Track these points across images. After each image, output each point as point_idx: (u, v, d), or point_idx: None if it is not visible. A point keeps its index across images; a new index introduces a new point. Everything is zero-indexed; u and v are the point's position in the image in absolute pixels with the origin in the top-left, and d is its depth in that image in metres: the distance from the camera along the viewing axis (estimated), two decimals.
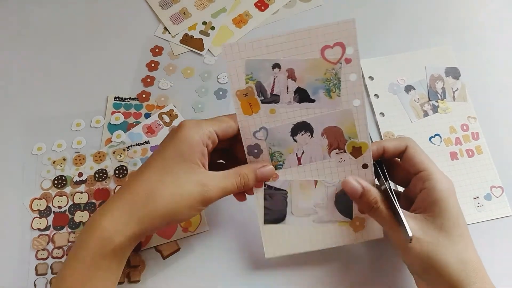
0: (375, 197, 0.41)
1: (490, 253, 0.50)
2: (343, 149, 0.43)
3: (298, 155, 0.44)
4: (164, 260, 0.49)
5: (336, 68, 0.41)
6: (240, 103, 0.42)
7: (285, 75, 0.42)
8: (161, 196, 0.39)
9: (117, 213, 0.38)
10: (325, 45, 0.40)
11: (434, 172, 0.42)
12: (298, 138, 0.43)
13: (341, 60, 0.41)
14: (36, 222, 0.51)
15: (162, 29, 0.63)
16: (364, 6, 0.66)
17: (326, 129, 0.43)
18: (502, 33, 0.64)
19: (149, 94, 0.58)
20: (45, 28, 0.63)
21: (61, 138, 0.55)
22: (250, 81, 0.42)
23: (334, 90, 0.42)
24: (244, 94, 0.42)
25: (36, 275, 0.49)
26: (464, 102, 0.58)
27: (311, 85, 0.42)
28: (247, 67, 0.41)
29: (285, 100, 0.42)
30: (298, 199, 0.45)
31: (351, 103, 0.42)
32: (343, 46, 0.40)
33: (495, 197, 0.53)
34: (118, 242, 0.38)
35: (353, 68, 0.41)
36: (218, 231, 0.51)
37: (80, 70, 0.60)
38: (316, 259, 0.49)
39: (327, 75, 0.41)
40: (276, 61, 0.41)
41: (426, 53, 0.61)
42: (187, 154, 0.40)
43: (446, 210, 0.40)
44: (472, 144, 0.56)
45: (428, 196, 0.41)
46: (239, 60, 0.41)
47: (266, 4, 0.65)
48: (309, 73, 0.42)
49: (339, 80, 0.42)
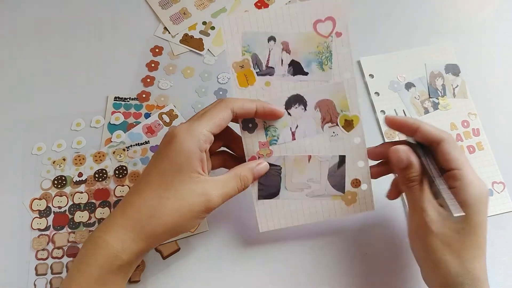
0: (416, 175, 0.41)
1: (492, 248, 0.50)
2: (335, 122, 0.45)
3: (292, 129, 0.45)
4: (164, 260, 0.49)
5: (328, 42, 0.44)
6: (236, 75, 0.44)
7: (280, 48, 0.44)
8: (166, 213, 0.39)
9: (121, 230, 0.39)
10: (317, 19, 0.43)
11: (469, 174, 0.40)
12: (292, 111, 0.44)
13: (332, 34, 0.44)
14: (36, 222, 0.51)
15: (162, 29, 0.63)
16: (364, 4, 0.66)
17: (319, 102, 0.44)
18: (501, 29, 0.64)
19: (149, 94, 0.58)
20: (45, 28, 0.63)
21: (61, 138, 0.55)
22: (246, 53, 0.43)
23: (326, 63, 0.44)
24: (240, 66, 0.44)
25: (36, 275, 0.49)
26: (464, 99, 0.58)
27: (304, 58, 0.44)
28: (244, 39, 0.43)
29: (280, 72, 0.44)
30: (292, 174, 0.45)
31: (342, 76, 0.44)
32: (334, 20, 0.43)
33: (496, 193, 0.53)
34: (126, 259, 0.38)
35: (343, 42, 0.44)
36: (218, 231, 0.51)
37: (80, 70, 0.60)
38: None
39: (319, 48, 0.44)
40: (271, 33, 0.43)
41: (426, 50, 0.61)
42: (184, 166, 0.40)
43: (471, 217, 0.38)
44: (473, 141, 0.56)
45: (458, 197, 0.39)
46: (237, 33, 0.43)
47: (266, 4, 0.65)
48: (303, 46, 0.44)
49: (331, 53, 0.44)
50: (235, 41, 0.43)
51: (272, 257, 0.50)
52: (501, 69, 0.61)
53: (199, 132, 0.40)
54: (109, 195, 0.52)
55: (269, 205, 0.46)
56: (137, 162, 0.54)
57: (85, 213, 0.51)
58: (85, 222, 0.51)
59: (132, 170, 0.53)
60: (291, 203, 0.46)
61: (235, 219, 0.51)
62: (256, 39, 0.43)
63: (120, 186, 0.53)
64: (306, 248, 0.50)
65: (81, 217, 0.51)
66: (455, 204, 0.38)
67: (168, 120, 0.57)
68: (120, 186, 0.53)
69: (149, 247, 0.40)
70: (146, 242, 0.39)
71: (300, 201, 0.46)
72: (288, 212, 0.46)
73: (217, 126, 0.41)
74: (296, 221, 0.46)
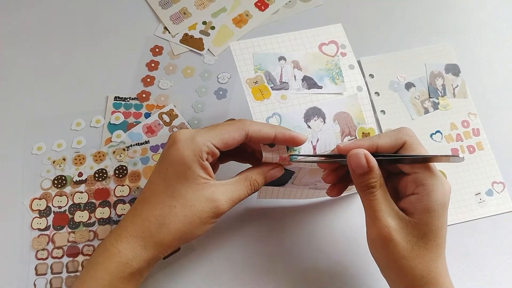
0: (375, 181, 0.38)
1: (492, 248, 0.51)
2: (354, 135, 0.44)
3: (313, 143, 0.43)
4: (164, 260, 0.49)
5: (335, 60, 0.46)
6: (250, 90, 0.43)
7: (291, 66, 0.45)
8: (174, 221, 0.39)
9: (132, 239, 0.39)
10: (322, 43, 0.46)
11: (431, 177, 0.38)
12: (312, 124, 0.43)
13: (337, 54, 0.46)
14: (36, 222, 0.51)
15: (162, 28, 0.63)
16: (364, 5, 0.66)
17: (337, 114, 0.44)
18: (501, 29, 0.64)
19: (149, 93, 0.58)
20: (45, 28, 0.63)
21: (61, 138, 0.55)
22: (259, 70, 0.44)
23: (338, 77, 0.45)
24: (254, 82, 0.44)
25: (36, 275, 0.49)
26: (464, 99, 0.58)
27: (316, 74, 0.45)
28: (255, 59, 0.44)
29: (295, 86, 0.44)
30: (303, 177, 0.46)
31: (354, 89, 0.45)
32: (337, 44, 0.46)
33: (496, 193, 0.53)
34: (136, 266, 0.39)
35: (350, 60, 0.46)
36: (218, 230, 0.51)
37: (80, 70, 0.60)
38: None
39: (329, 65, 0.46)
40: (280, 54, 0.45)
41: (426, 50, 0.61)
42: (186, 173, 0.39)
43: (433, 222, 0.37)
44: (473, 140, 0.56)
45: (420, 203, 0.38)
46: (247, 54, 0.44)
47: (266, 4, 0.65)
48: (312, 64, 0.45)
49: (340, 70, 0.46)
50: (247, 62, 0.44)
51: (274, 258, 0.50)
52: (501, 69, 0.61)
53: (202, 142, 0.39)
54: (109, 195, 0.52)
55: (273, 188, 0.47)
56: (137, 162, 0.54)
57: (85, 213, 0.51)
58: (85, 222, 0.51)
59: (132, 170, 0.53)
60: (292, 190, 0.48)
61: (236, 219, 0.51)
62: (267, 59, 0.45)
63: (120, 186, 0.53)
64: (312, 250, 0.50)
65: (81, 217, 0.51)
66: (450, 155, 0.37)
67: (168, 120, 0.57)
68: (120, 186, 0.53)
69: (159, 255, 0.40)
70: (155, 250, 0.39)
71: (301, 190, 0.48)
72: (288, 193, 0.48)
73: (225, 143, 0.39)
74: (293, 196, 0.49)
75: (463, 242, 0.50)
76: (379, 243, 0.38)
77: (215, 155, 0.40)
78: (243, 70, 0.44)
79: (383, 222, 0.38)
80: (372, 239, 0.39)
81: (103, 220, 0.51)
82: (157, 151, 0.55)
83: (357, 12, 0.65)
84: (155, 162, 0.54)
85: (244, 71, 0.44)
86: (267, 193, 0.48)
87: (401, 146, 0.39)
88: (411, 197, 0.38)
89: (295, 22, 0.64)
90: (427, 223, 0.37)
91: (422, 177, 0.38)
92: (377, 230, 0.38)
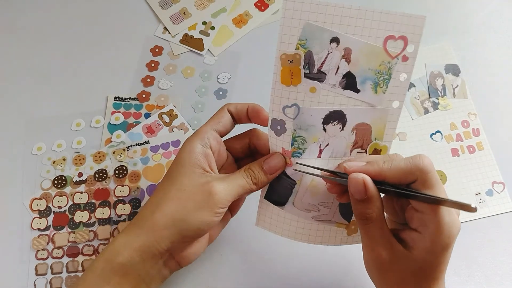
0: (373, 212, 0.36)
1: (492, 248, 0.50)
2: (365, 149, 0.41)
3: (321, 146, 0.40)
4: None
5: (392, 63, 0.38)
6: (281, 69, 0.37)
7: (340, 54, 0.37)
8: (167, 203, 0.38)
9: (130, 228, 0.39)
10: (390, 35, 0.37)
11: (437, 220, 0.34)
12: (329, 128, 0.39)
13: (399, 56, 0.38)
14: (36, 222, 0.51)
15: (162, 29, 0.63)
16: (364, 4, 0.65)
17: (358, 125, 0.40)
18: (502, 29, 0.64)
19: (149, 94, 0.58)
20: (45, 28, 0.63)
21: (61, 138, 0.55)
22: (301, 47, 0.37)
23: (382, 85, 0.39)
24: (289, 60, 0.37)
25: (36, 275, 0.49)
26: (464, 99, 0.58)
27: (362, 73, 0.38)
28: (304, 31, 0.36)
29: (331, 81, 0.38)
30: (304, 193, 0.42)
31: (390, 104, 0.39)
32: (406, 42, 0.37)
33: (496, 193, 0.53)
34: (126, 256, 0.37)
35: (406, 68, 0.38)
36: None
37: (80, 70, 0.60)
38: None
39: (381, 67, 0.38)
40: (336, 34, 0.36)
41: (426, 50, 0.61)
42: (186, 160, 0.39)
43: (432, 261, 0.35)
44: (473, 141, 0.56)
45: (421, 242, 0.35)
46: (297, 20, 0.35)
47: (266, 4, 0.65)
48: (365, 60, 0.38)
49: (390, 77, 0.38)
50: (293, 30, 0.36)
51: (275, 260, 0.50)
52: (501, 69, 0.61)
53: (203, 131, 0.41)
54: (109, 195, 0.52)
55: (272, 210, 0.43)
56: (137, 162, 0.54)
57: (85, 213, 0.51)
58: (85, 222, 0.51)
59: (132, 170, 0.53)
60: (294, 219, 0.43)
61: (236, 219, 0.51)
62: (318, 36, 0.36)
63: (120, 186, 0.53)
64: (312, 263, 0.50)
65: (81, 217, 0.51)
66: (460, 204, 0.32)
67: (168, 120, 0.57)
68: (120, 186, 0.53)
69: (152, 244, 0.37)
70: (148, 235, 0.37)
71: (303, 221, 0.43)
72: (288, 225, 0.43)
73: (217, 123, 0.42)
74: (293, 236, 0.43)
75: (463, 242, 0.50)
76: (372, 267, 0.38)
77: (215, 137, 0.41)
78: (284, 40, 0.36)
79: (376, 251, 0.36)
80: (366, 262, 0.39)
81: (103, 220, 0.51)
82: (157, 151, 0.55)
83: None
84: (155, 162, 0.54)
85: (284, 41, 0.36)
86: (266, 218, 0.44)
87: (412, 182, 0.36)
88: (414, 233, 0.36)
89: None
90: (424, 261, 0.35)
91: (427, 219, 0.35)
92: (370, 257, 0.37)
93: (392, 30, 0.37)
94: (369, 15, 0.36)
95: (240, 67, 0.61)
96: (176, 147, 0.55)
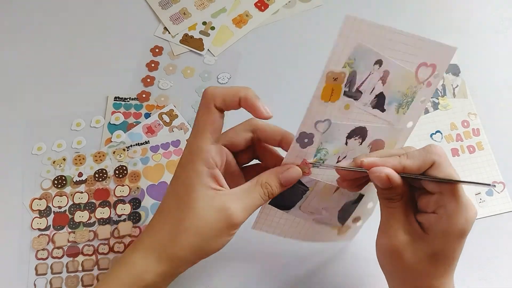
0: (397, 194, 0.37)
1: (492, 248, 0.51)
2: None
3: (340, 158, 0.41)
4: None
5: (418, 88, 0.39)
6: (324, 85, 0.36)
7: (379, 76, 0.38)
8: (185, 232, 0.37)
9: (146, 252, 0.38)
10: (424, 62, 0.38)
11: (455, 200, 0.35)
12: (350, 142, 0.40)
13: (425, 82, 0.39)
14: (36, 222, 0.51)
15: (162, 29, 0.63)
16: (363, 6, 0.66)
17: (375, 141, 0.41)
18: (502, 29, 0.64)
19: (149, 94, 0.58)
20: (45, 28, 0.63)
21: (61, 138, 0.55)
22: (348, 66, 0.36)
23: (404, 107, 0.40)
24: (334, 78, 0.36)
25: (36, 275, 0.49)
26: (464, 99, 0.58)
27: (391, 95, 0.39)
28: (355, 51, 0.36)
29: (364, 100, 0.38)
30: (313, 198, 0.42)
31: (406, 124, 0.41)
32: (434, 70, 0.38)
33: (496, 193, 0.53)
34: (150, 281, 0.37)
35: (428, 94, 0.40)
36: None
37: (80, 70, 0.60)
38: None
39: (408, 90, 0.39)
40: (381, 57, 0.37)
41: None
42: (196, 184, 0.37)
43: (447, 245, 0.36)
44: (473, 140, 0.56)
45: (438, 224, 0.36)
46: (353, 39, 0.35)
47: (266, 4, 0.65)
48: (398, 83, 0.39)
49: (412, 100, 0.39)
50: (345, 49, 0.35)
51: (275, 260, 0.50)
52: (501, 69, 0.61)
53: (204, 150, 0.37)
54: (109, 195, 0.52)
55: (275, 214, 0.43)
56: (137, 162, 0.54)
57: (85, 213, 0.51)
58: (85, 222, 0.51)
59: (132, 170, 0.53)
60: (294, 220, 0.44)
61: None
62: (366, 57, 0.36)
63: (120, 186, 0.53)
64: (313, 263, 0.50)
65: (81, 217, 0.51)
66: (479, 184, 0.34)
67: (168, 120, 0.57)
68: (120, 186, 0.53)
69: (174, 270, 0.38)
70: (169, 264, 0.37)
71: (303, 223, 0.44)
72: (287, 226, 0.44)
73: (213, 131, 0.38)
74: (290, 235, 0.45)
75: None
76: (386, 252, 0.38)
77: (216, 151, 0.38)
78: (334, 58, 0.35)
79: (394, 233, 0.37)
80: (380, 246, 0.39)
81: (103, 220, 0.51)
82: (157, 151, 0.55)
83: (356, 12, 0.65)
84: (155, 162, 0.54)
85: (334, 59, 0.35)
86: (265, 221, 0.43)
87: (430, 167, 0.36)
88: (431, 215, 0.36)
89: (295, 22, 0.64)
90: (440, 244, 0.36)
91: (445, 199, 0.35)
92: (386, 240, 0.38)
93: (427, 57, 0.38)
94: (409, 40, 0.37)
95: (240, 67, 0.61)
96: (176, 147, 0.55)
